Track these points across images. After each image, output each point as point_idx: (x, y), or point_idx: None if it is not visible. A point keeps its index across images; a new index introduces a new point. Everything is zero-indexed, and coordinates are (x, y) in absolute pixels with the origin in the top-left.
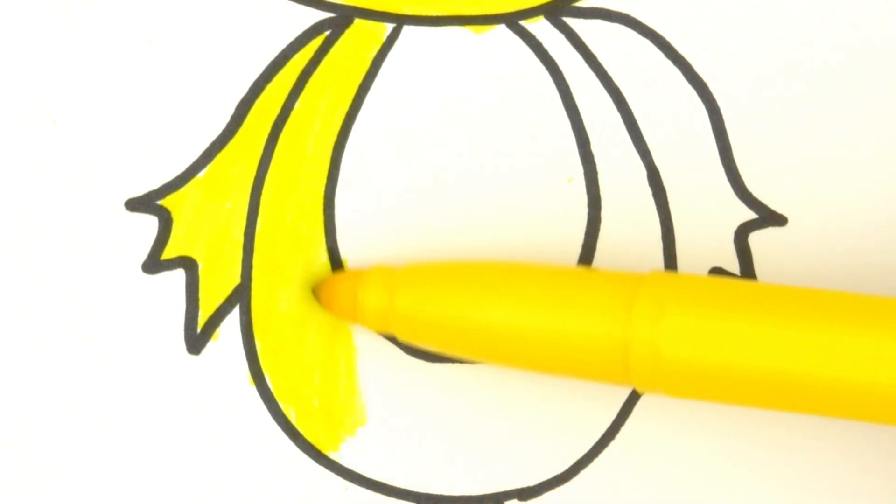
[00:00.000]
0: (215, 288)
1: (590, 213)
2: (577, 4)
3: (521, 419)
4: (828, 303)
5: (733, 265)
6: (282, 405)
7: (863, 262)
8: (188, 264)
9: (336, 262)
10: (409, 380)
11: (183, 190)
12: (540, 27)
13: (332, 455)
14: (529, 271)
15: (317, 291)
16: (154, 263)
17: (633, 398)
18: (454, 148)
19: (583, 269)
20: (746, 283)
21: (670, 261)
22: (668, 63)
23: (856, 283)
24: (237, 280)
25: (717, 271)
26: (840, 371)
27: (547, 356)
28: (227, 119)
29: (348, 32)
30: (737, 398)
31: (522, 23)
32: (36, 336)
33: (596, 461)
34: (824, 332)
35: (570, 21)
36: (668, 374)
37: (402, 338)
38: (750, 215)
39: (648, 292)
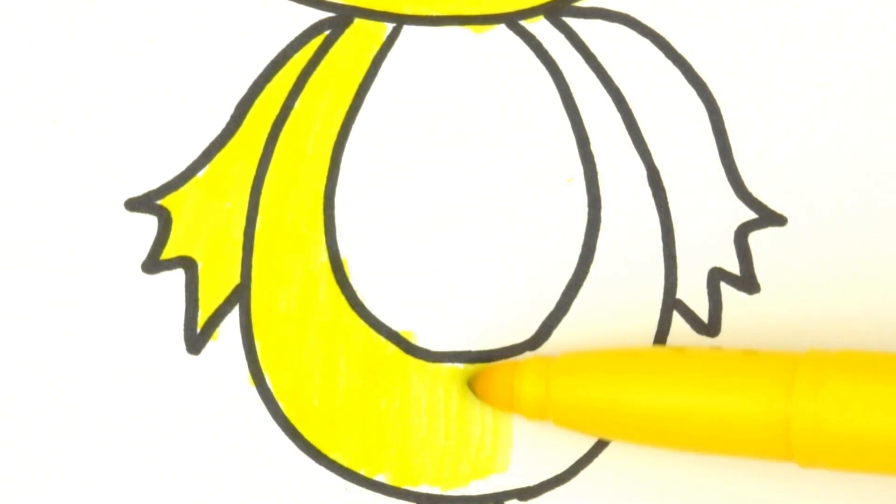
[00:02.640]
0: (215, 288)
1: (590, 213)
2: (577, 4)
3: (521, 419)
4: None
5: (733, 265)
6: (282, 405)
7: (863, 262)
8: (188, 264)
9: (336, 262)
10: None
11: (182, 190)
12: (540, 27)
13: (335, 456)
14: (684, 355)
15: (473, 384)
16: (154, 263)
17: None
18: (454, 148)
19: (737, 351)
20: None
21: (670, 261)
22: (668, 63)
23: (856, 283)
24: (237, 280)
25: (716, 271)
26: None
27: (708, 438)
28: (227, 119)
29: (348, 32)
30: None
31: (522, 23)
32: (36, 336)
33: (596, 461)
34: None
35: (570, 21)
36: (829, 447)
37: (559, 425)
38: (750, 215)
39: (807, 368)
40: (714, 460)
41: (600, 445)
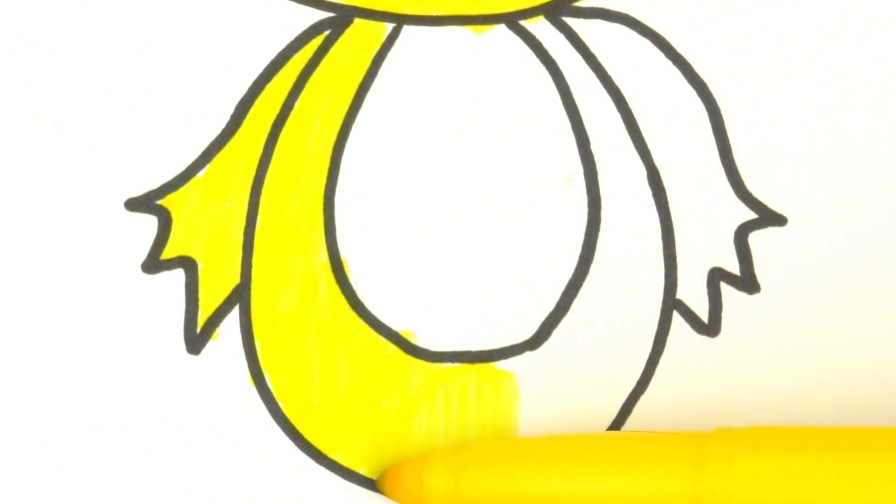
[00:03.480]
0: (215, 288)
1: (590, 213)
2: (577, 4)
3: (522, 419)
4: (881, 439)
5: (733, 265)
6: (282, 405)
7: (863, 262)
8: (188, 264)
9: (336, 262)
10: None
11: (182, 189)
12: (540, 27)
13: (335, 456)
14: (592, 440)
15: (380, 481)
16: (154, 263)
17: (633, 398)
18: (454, 148)
19: (643, 433)
20: (809, 429)
21: (670, 261)
22: (668, 63)
23: (855, 284)
24: (237, 280)
25: (716, 271)
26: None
27: None
28: (227, 119)
29: (348, 32)
30: None
31: (522, 23)
32: (36, 336)
33: None
34: (885, 465)
35: (570, 21)
36: None
37: None
38: (750, 215)
39: (716, 446)
40: None
41: None
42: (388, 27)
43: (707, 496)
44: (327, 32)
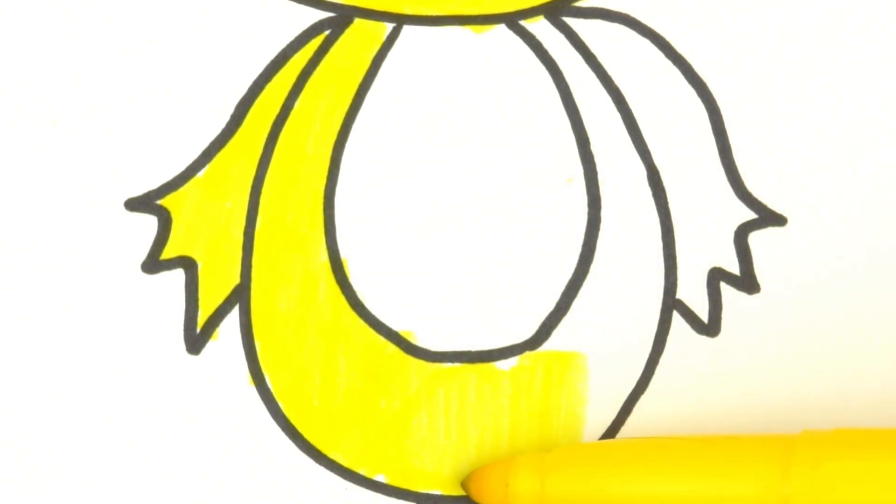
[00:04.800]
0: (215, 288)
1: (590, 213)
2: (577, 4)
3: (521, 419)
4: None
5: (733, 265)
6: (282, 405)
7: (863, 262)
8: (188, 264)
9: (336, 262)
10: None
11: (182, 189)
12: (540, 27)
13: (335, 456)
14: (678, 443)
15: (466, 484)
16: (153, 263)
17: (633, 398)
18: (454, 148)
19: (728, 437)
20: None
21: (670, 261)
22: (668, 63)
23: (855, 284)
24: (237, 280)
25: (716, 271)
26: None
27: None
28: (227, 119)
29: (348, 32)
30: None
31: (522, 23)
32: (36, 336)
33: None
34: None
35: (570, 21)
36: None
37: None
38: (750, 215)
39: (803, 449)
40: None
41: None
42: (388, 27)
43: (794, 498)
44: (327, 32)
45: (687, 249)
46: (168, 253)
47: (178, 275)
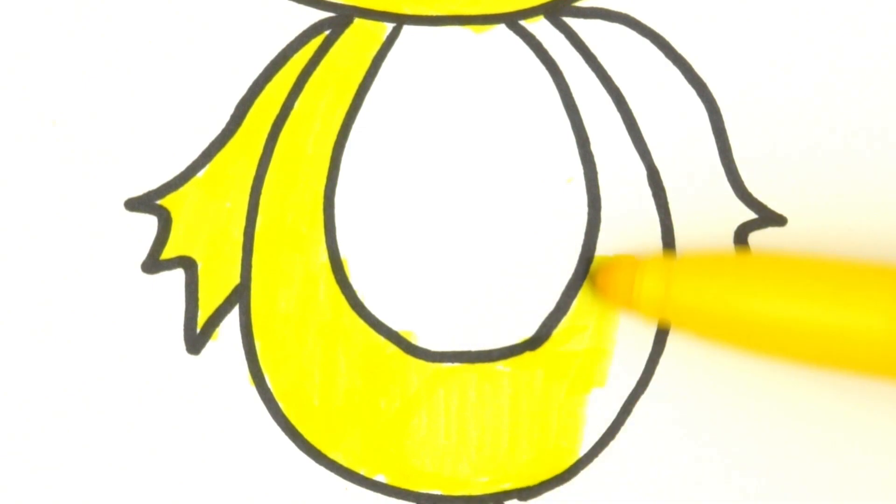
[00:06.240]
0: (215, 288)
1: (590, 213)
2: (577, 4)
3: (521, 419)
4: None
5: None
6: (282, 405)
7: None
8: (187, 264)
9: (336, 262)
10: None
11: (182, 189)
12: (540, 27)
13: (335, 456)
14: (810, 263)
15: (594, 276)
16: (153, 263)
17: (633, 398)
18: (454, 148)
19: (862, 263)
20: None
21: None
22: (668, 63)
23: None
24: (237, 280)
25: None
26: None
27: (829, 350)
28: (227, 119)
29: (348, 32)
30: None
31: (522, 23)
32: (36, 336)
33: (596, 461)
34: None
35: (570, 21)
36: None
37: (676, 327)
38: (750, 215)
39: None
40: (713, 460)
41: (600, 445)
42: (388, 27)
43: None
44: (327, 32)
45: (687, 250)
46: (168, 253)
47: (178, 275)
